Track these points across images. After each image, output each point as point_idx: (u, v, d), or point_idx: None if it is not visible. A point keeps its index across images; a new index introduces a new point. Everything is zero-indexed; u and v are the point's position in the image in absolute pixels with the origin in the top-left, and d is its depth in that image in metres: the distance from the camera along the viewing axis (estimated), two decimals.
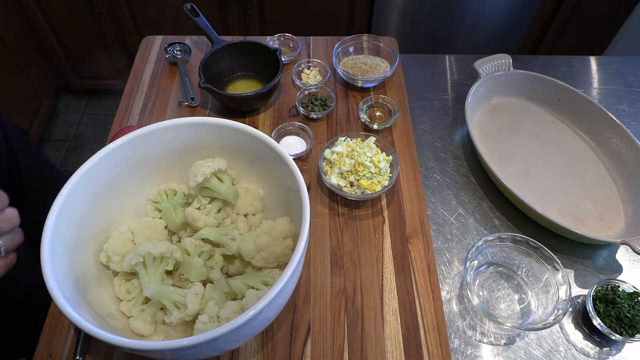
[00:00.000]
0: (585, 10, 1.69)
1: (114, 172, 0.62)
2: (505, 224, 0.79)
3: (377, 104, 0.91)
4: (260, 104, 0.90)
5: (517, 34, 1.78)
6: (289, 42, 1.00)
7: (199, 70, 0.85)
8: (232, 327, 0.45)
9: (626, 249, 0.77)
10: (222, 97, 0.86)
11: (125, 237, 0.62)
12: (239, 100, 0.85)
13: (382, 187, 0.74)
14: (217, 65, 0.91)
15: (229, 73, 0.95)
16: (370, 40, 0.98)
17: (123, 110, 0.89)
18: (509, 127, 0.93)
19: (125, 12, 1.75)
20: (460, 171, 0.87)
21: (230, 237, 0.63)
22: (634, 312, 0.65)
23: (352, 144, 0.78)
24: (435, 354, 0.62)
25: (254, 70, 0.95)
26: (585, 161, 0.88)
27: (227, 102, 0.88)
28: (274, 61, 0.90)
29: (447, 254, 0.75)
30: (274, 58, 0.90)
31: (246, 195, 0.69)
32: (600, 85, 1.03)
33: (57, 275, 0.50)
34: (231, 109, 0.90)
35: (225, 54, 0.92)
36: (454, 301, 0.70)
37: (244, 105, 0.88)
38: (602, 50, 1.82)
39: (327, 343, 0.63)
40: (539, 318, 0.67)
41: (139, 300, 0.60)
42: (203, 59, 0.88)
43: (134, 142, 0.61)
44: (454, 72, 1.04)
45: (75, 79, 2.06)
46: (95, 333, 0.45)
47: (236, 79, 0.95)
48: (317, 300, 0.67)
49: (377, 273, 0.69)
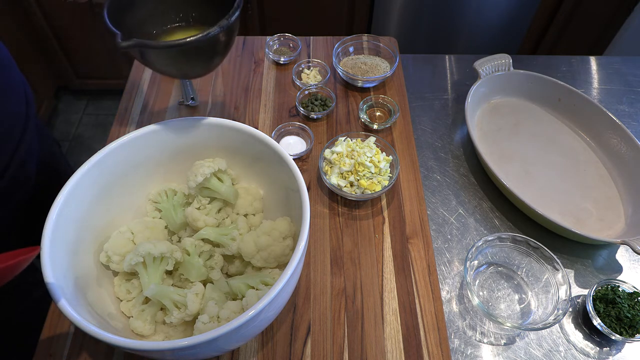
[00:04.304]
0: (585, 11, 1.69)
1: (114, 172, 0.62)
2: (505, 224, 0.79)
3: (377, 104, 0.91)
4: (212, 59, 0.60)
5: (517, 34, 1.78)
6: (289, 42, 1.00)
7: (106, 22, 0.55)
8: (232, 327, 0.45)
9: (626, 249, 0.77)
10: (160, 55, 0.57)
11: (125, 237, 0.62)
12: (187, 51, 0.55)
13: (382, 187, 0.74)
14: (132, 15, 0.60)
15: (152, 27, 0.64)
16: (370, 40, 0.98)
17: (123, 110, 0.89)
18: (509, 127, 0.93)
19: None
20: (460, 171, 0.87)
21: (230, 237, 0.63)
22: (634, 312, 0.65)
23: (352, 144, 0.78)
24: (435, 354, 0.62)
25: (192, 14, 0.65)
26: (585, 161, 0.88)
27: (167, 62, 0.59)
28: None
29: (447, 254, 0.75)
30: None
31: (246, 195, 0.69)
32: (600, 85, 1.03)
33: (57, 275, 0.50)
34: (170, 72, 0.63)
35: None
36: (454, 301, 0.70)
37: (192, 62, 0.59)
38: (602, 50, 1.82)
39: (327, 343, 0.63)
40: (539, 318, 0.67)
41: (139, 300, 0.60)
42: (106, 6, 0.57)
43: (134, 142, 0.61)
44: (454, 72, 1.04)
45: (75, 79, 2.06)
46: (95, 333, 0.45)
47: (165, 33, 0.65)
48: (317, 300, 0.67)
49: (377, 273, 0.69)
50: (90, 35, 1.85)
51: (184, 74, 0.63)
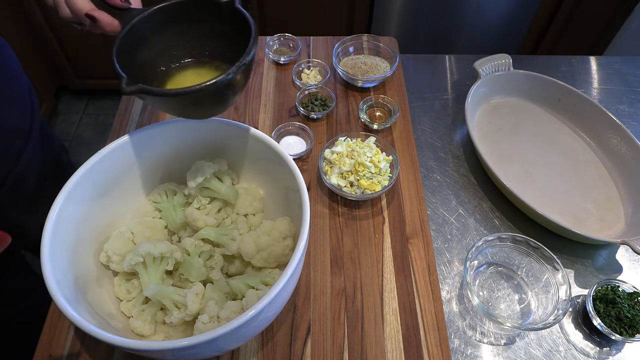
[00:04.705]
0: (585, 11, 1.69)
1: (114, 172, 0.62)
2: (505, 224, 0.79)
3: (377, 104, 0.91)
4: (224, 102, 0.56)
5: (517, 34, 1.78)
6: (289, 42, 1.00)
7: (114, 63, 0.51)
8: (232, 327, 0.45)
9: (626, 249, 0.77)
10: (165, 102, 0.53)
11: (125, 237, 0.62)
12: (195, 97, 0.50)
13: (382, 187, 0.74)
14: (143, 52, 0.56)
15: (162, 63, 0.59)
16: (370, 40, 0.98)
17: (123, 110, 0.89)
18: (509, 127, 0.93)
19: None
20: (460, 171, 0.87)
21: (230, 237, 0.63)
22: (634, 312, 0.65)
23: (352, 144, 0.78)
24: (435, 354, 0.62)
25: (205, 50, 0.60)
26: (585, 161, 0.88)
27: (176, 108, 0.55)
28: (237, 23, 0.53)
29: (447, 254, 0.75)
30: (234, 17, 0.54)
31: (246, 195, 0.69)
32: (600, 85, 1.03)
33: (57, 275, 0.50)
34: (180, 115, 0.58)
35: (149, 31, 0.56)
36: (454, 301, 0.70)
37: (204, 107, 0.55)
38: (602, 50, 1.82)
39: (327, 343, 0.63)
40: (539, 318, 0.67)
41: (139, 300, 0.60)
42: (115, 45, 0.52)
43: (134, 142, 0.61)
44: (454, 72, 1.04)
45: (75, 79, 2.06)
46: (95, 333, 0.45)
47: (178, 70, 0.60)
48: (317, 300, 0.67)
49: (377, 273, 0.69)
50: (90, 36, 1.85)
51: (195, 116, 0.59)
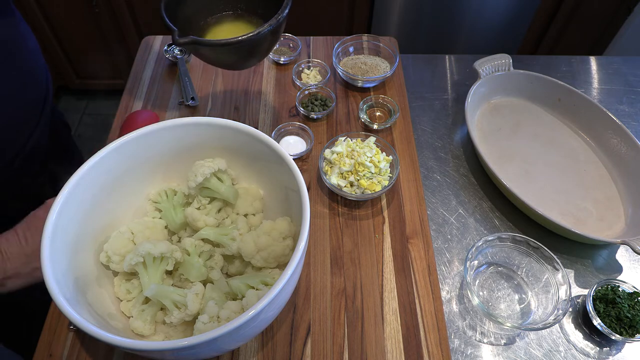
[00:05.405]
0: (585, 10, 1.69)
1: (114, 172, 0.62)
2: (505, 224, 0.79)
3: (377, 104, 0.91)
4: (261, 53, 0.65)
5: (517, 34, 1.78)
6: (289, 42, 1.00)
7: (164, 18, 0.60)
8: (232, 327, 0.45)
9: (626, 249, 0.77)
10: (214, 51, 0.61)
11: (125, 237, 0.62)
12: (238, 48, 0.60)
13: (382, 187, 0.74)
14: (185, 8, 0.65)
15: (203, 16, 0.69)
16: (370, 40, 0.98)
17: (123, 110, 0.89)
18: (509, 127, 0.93)
19: (125, 12, 1.75)
20: (460, 171, 0.87)
21: (230, 237, 0.63)
22: (634, 312, 0.65)
23: (352, 144, 0.78)
24: (435, 354, 0.62)
25: (239, 6, 0.70)
26: (585, 161, 0.88)
27: (220, 57, 0.64)
28: None
29: (447, 254, 0.75)
30: None
31: (246, 195, 0.69)
32: (600, 85, 1.03)
33: (57, 275, 0.50)
34: (223, 65, 0.67)
35: None
36: (454, 301, 0.70)
37: (247, 55, 0.64)
38: (602, 50, 1.82)
39: (327, 343, 0.63)
40: (539, 318, 0.67)
41: (139, 300, 0.60)
42: (163, 2, 0.62)
43: (134, 142, 0.61)
44: (454, 72, 1.04)
45: (75, 79, 2.06)
46: (95, 333, 0.45)
47: (215, 23, 0.69)
48: (317, 300, 0.67)
49: (377, 273, 0.69)
50: (90, 35, 1.85)
51: (236, 65, 0.67)
